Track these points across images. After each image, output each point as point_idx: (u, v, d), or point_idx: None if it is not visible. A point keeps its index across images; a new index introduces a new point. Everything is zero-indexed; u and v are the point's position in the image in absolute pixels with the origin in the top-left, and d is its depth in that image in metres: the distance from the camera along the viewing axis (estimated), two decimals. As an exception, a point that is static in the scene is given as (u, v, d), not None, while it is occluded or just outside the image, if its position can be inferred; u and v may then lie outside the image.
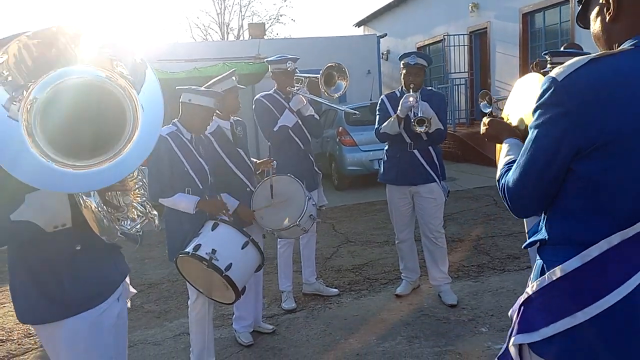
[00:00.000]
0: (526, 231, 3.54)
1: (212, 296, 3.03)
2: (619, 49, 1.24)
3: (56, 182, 1.32)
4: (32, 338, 4.06)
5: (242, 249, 2.95)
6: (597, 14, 1.32)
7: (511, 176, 1.35)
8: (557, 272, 1.24)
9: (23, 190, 1.57)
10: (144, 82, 1.37)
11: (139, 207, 1.66)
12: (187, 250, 2.85)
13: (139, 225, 1.71)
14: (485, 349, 3.29)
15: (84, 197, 1.58)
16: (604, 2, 1.28)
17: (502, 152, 1.55)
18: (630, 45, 1.22)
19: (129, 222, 1.67)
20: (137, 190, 1.64)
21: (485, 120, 1.72)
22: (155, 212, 1.76)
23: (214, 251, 2.79)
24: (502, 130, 1.65)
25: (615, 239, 1.17)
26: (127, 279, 2.05)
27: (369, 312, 4.03)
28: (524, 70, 11.33)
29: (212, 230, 2.95)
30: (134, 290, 2.17)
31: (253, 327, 3.77)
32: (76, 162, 1.33)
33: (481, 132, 1.71)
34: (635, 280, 1.15)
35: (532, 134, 1.28)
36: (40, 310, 1.76)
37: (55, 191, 1.53)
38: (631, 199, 1.18)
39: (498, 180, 1.44)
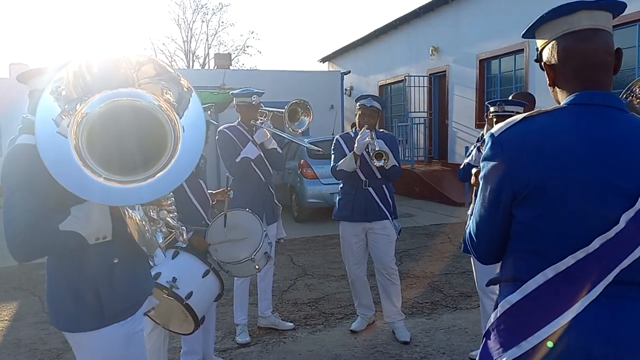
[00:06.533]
0: (474, 271, 3.65)
1: (169, 327, 2.95)
2: (552, 107, 1.38)
3: (100, 194, 1.46)
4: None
5: (203, 277, 2.92)
6: None
7: (470, 226, 1.48)
8: (505, 305, 1.34)
9: (69, 203, 1.69)
10: (187, 107, 1.53)
11: (171, 222, 1.78)
12: None
13: (167, 239, 1.84)
14: (436, 387, 3.33)
15: (128, 210, 1.68)
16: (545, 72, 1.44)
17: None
18: (564, 104, 1.37)
19: (161, 236, 1.77)
20: (170, 206, 1.76)
21: (475, 170, 1.88)
22: (183, 227, 1.89)
23: (174, 279, 2.74)
24: None
25: (549, 272, 1.28)
26: None
27: (323, 347, 4.02)
28: (479, 113, 11.82)
29: (173, 259, 2.91)
30: (157, 301, 2.23)
31: None
32: (122, 178, 1.47)
33: (472, 181, 1.85)
34: (569, 313, 1.24)
35: (480, 185, 1.41)
36: (76, 319, 1.83)
37: (100, 203, 1.64)
38: (560, 241, 1.29)
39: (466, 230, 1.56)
